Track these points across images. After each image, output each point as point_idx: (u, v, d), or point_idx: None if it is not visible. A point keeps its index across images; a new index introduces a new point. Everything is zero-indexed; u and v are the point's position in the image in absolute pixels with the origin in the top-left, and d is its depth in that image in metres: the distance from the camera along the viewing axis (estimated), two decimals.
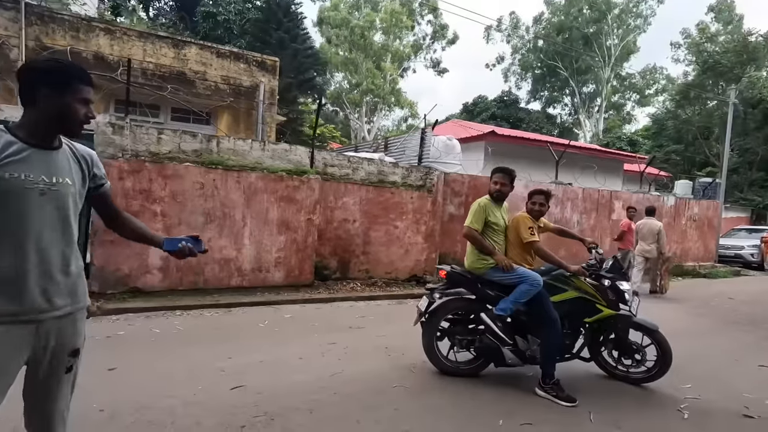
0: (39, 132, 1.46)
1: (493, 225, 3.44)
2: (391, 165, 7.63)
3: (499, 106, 32.36)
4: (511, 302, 3.28)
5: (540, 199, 3.53)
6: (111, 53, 7.62)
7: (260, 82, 8.92)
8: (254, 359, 3.40)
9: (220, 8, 13.80)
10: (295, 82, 14.18)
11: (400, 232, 7.62)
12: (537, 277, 3.27)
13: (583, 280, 3.37)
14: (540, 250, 3.38)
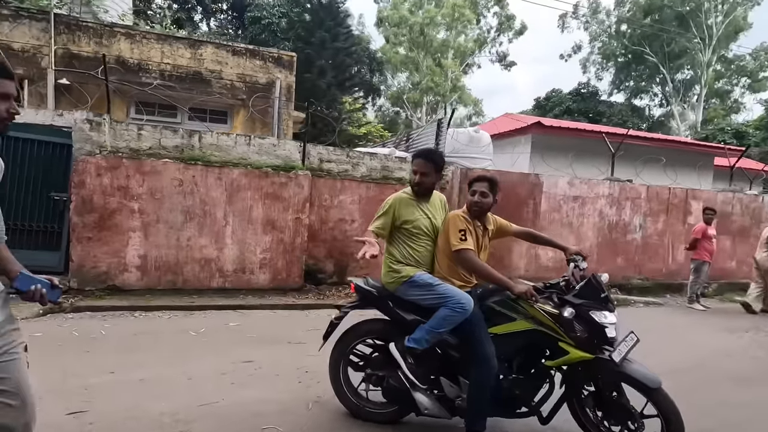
0: None
1: (409, 227, 2.62)
2: (397, 160, 6.91)
3: (574, 99, 29.52)
4: (427, 332, 2.44)
5: (480, 188, 2.58)
6: (131, 57, 7.89)
7: (276, 79, 8.72)
8: (136, 376, 2.96)
9: (264, 12, 14.10)
10: (335, 81, 13.97)
11: None
12: (462, 298, 2.40)
13: (536, 307, 2.40)
14: (468, 261, 2.47)
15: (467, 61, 29.19)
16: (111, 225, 5.36)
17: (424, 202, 2.72)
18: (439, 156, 2.76)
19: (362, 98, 25.61)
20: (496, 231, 2.80)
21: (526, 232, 2.95)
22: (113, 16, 8.68)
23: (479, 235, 2.61)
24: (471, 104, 30.07)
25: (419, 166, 2.65)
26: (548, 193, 8.06)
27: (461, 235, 2.48)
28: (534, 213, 7.97)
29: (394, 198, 2.68)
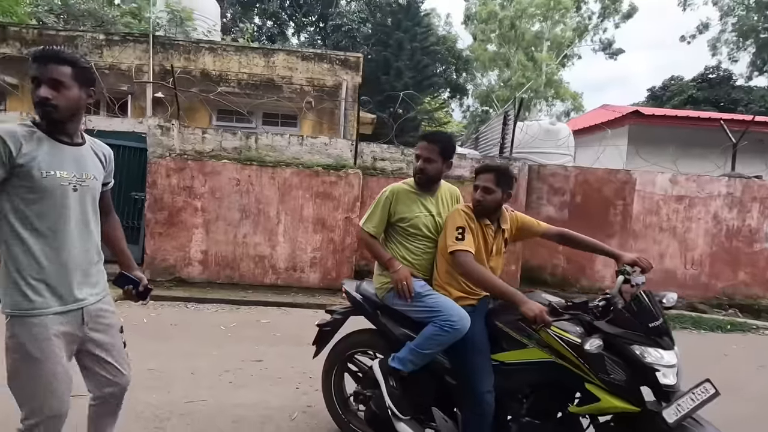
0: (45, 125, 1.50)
1: (406, 225, 2.23)
2: (456, 157, 6.42)
3: (699, 86, 25.28)
4: (411, 351, 2.06)
5: (484, 182, 2.09)
6: (213, 69, 8.60)
7: (343, 81, 8.80)
8: (147, 366, 3.04)
9: (345, 19, 14.51)
10: (413, 81, 13.78)
11: None
12: (453, 315, 1.98)
13: (551, 333, 1.85)
14: (463, 265, 2.00)
15: (565, 52, 26.85)
16: (178, 222, 5.81)
17: (428, 195, 2.29)
18: (447, 138, 2.33)
19: (448, 98, 25.12)
20: (518, 231, 2.29)
21: (559, 233, 2.33)
22: (199, 33, 9.57)
23: (488, 235, 2.14)
24: (569, 99, 27.58)
25: (422, 149, 2.23)
26: (643, 192, 6.87)
27: (458, 233, 2.04)
28: (623, 216, 6.85)
29: (391, 189, 2.29)
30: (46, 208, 1.47)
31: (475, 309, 2.08)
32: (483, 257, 2.12)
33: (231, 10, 18.66)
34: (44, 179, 1.44)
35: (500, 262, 2.22)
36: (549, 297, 2.02)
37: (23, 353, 1.45)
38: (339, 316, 2.43)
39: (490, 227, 2.14)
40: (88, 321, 1.59)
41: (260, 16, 18.38)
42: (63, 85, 1.45)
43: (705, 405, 1.68)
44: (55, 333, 1.48)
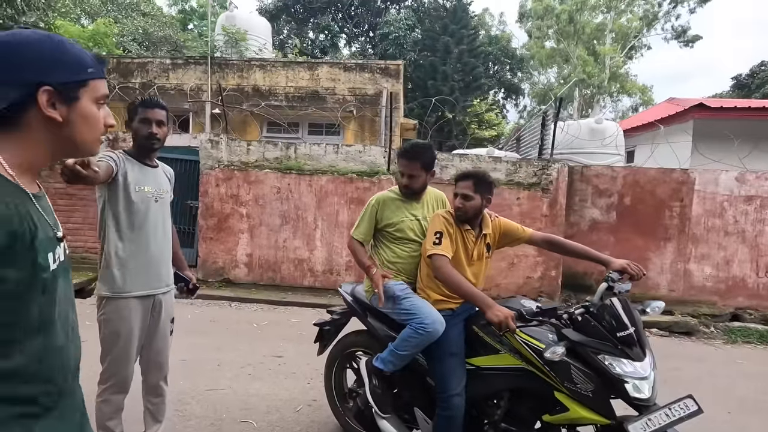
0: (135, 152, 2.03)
1: (392, 230, 2.34)
2: (491, 160, 6.35)
3: None
4: (391, 353, 2.15)
5: (463, 189, 2.12)
6: (263, 84, 9.20)
7: (383, 88, 9.00)
8: (181, 357, 3.36)
9: (392, 28, 14.77)
10: (460, 84, 13.68)
11: None
12: (426, 318, 2.05)
13: (518, 339, 1.86)
14: (438, 269, 2.04)
15: (632, 43, 25.06)
16: (226, 227, 6.32)
17: (413, 201, 2.39)
18: (426, 152, 2.34)
19: (502, 99, 24.49)
20: (501, 237, 2.30)
21: (545, 238, 2.34)
22: (251, 52, 10.28)
23: (468, 240, 2.18)
24: (637, 93, 25.67)
25: (404, 167, 2.31)
26: (703, 192, 6.31)
27: (436, 238, 2.10)
28: (681, 219, 6.34)
29: (377, 198, 2.41)
30: (137, 214, 1.94)
31: (454, 313, 2.13)
32: (463, 262, 2.15)
33: (287, 27, 19.73)
34: (136, 192, 1.94)
35: (483, 267, 2.24)
36: (527, 303, 2.01)
37: (111, 328, 1.91)
38: (337, 316, 2.59)
39: (470, 232, 2.17)
40: (157, 305, 2.03)
41: (314, 30, 19.24)
42: (163, 123, 2.00)
43: (683, 422, 1.60)
44: (135, 312, 1.94)
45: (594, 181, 6.50)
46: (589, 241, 6.53)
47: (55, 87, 0.79)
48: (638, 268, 1.96)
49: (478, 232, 2.20)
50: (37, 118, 0.79)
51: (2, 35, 0.79)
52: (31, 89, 0.77)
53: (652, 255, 6.40)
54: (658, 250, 6.40)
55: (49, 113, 0.79)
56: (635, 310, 1.79)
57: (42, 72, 0.78)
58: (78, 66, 0.82)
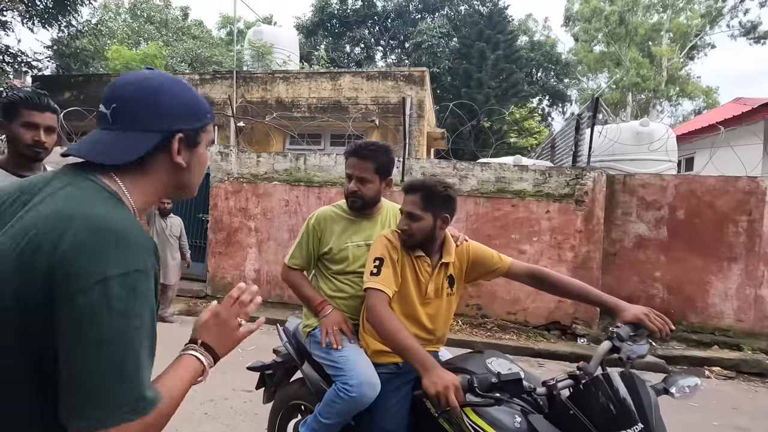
0: (13, 161, 1.65)
1: (332, 257, 1.84)
2: (516, 169, 5.71)
3: None
4: (314, 419, 1.67)
5: (408, 205, 1.60)
6: (286, 96, 9.11)
7: (407, 96, 8.59)
8: None
9: (424, 36, 14.42)
10: (496, 91, 13.02)
11: (529, 258, 5.53)
12: (352, 378, 1.56)
13: (465, 422, 1.29)
14: (371, 309, 1.52)
15: (693, 42, 23.04)
16: (234, 241, 6.12)
17: (363, 219, 1.88)
18: (382, 150, 1.84)
19: (548, 106, 23.32)
20: (471, 267, 1.73)
21: (532, 272, 1.71)
22: (275, 65, 10.27)
23: (421, 271, 1.64)
24: (700, 95, 23.49)
25: (352, 167, 1.81)
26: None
27: (374, 266, 1.59)
28: (749, 236, 5.37)
29: (317, 216, 1.92)
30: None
31: (399, 371, 1.62)
32: (413, 299, 1.63)
33: (324, 42, 19.98)
34: None
35: (443, 307, 1.68)
36: (499, 364, 1.43)
37: None
38: (281, 359, 2.13)
39: (424, 260, 1.64)
40: None
41: (349, 43, 19.33)
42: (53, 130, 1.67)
43: None
44: None
45: (639, 191, 5.66)
46: (634, 261, 5.68)
47: (186, 134, 0.81)
48: (662, 322, 1.35)
49: (435, 261, 1.66)
50: (163, 163, 0.80)
51: (142, 80, 0.79)
52: (167, 136, 0.79)
53: (714, 278, 5.44)
54: (720, 273, 5.43)
55: (177, 160, 0.80)
56: (651, 392, 1.19)
57: (179, 120, 0.80)
58: (203, 112, 0.84)
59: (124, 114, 0.76)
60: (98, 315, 0.62)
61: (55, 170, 0.79)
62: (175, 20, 22.32)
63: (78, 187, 0.72)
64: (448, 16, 16.22)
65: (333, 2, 18.58)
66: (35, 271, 0.63)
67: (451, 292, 1.70)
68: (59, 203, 0.68)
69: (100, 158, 0.74)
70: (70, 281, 0.62)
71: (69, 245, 0.64)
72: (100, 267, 0.63)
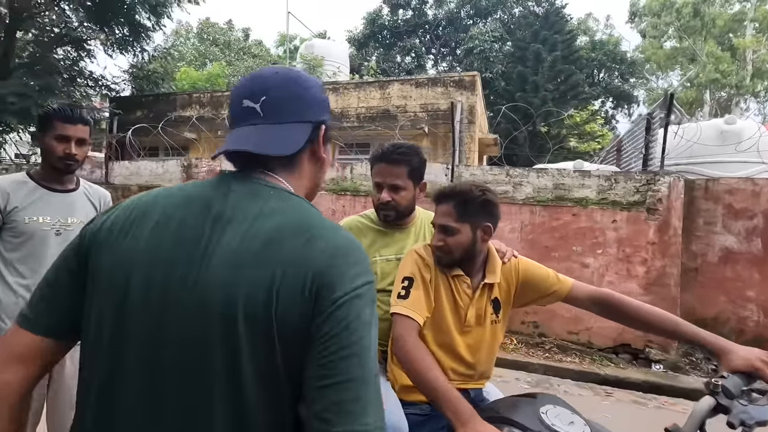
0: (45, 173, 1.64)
1: None
2: (577, 175, 5.23)
3: None
4: None
5: (441, 217, 1.35)
6: (336, 107, 9.18)
7: (458, 102, 8.32)
8: None
9: (476, 41, 14.05)
10: (554, 94, 12.35)
11: (593, 272, 5.03)
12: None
13: None
14: (398, 340, 1.23)
15: None
16: None
17: (395, 231, 1.65)
18: (413, 152, 1.60)
19: (610, 108, 21.88)
20: (522, 288, 1.44)
21: (600, 297, 1.37)
22: (329, 76, 10.42)
23: (459, 293, 1.36)
24: None
25: (382, 174, 1.56)
26: None
27: (402, 287, 1.33)
28: None
29: (343, 226, 1.62)
30: (23, 251, 1.56)
31: (432, 412, 1.33)
32: (450, 327, 1.36)
33: (376, 53, 20.22)
34: (26, 224, 1.55)
35: (487, 336, 1.39)
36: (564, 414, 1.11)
37: None
38: None
39: (463, 281, 1.37)
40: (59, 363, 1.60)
41: (400, 53, 19.39)
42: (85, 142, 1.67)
43: None
44: None
45: (726, 198, 4.97)
46: (720, 278, 4.98)
47: (328, 126, 0.78)
48: None
49: (477, 281, 1.39)
50: (308, 159, 0.77)
51: (286, 72, 0.77)
52: (316, 128, 0.76)
53: None
54: None
55: (322, 154, 0.77)
56: None
57: (324, 110, 0.78)
58: (328, 105, 0.81)
59: (277, 105, 0.72)
60: (357, 327, 0.63)
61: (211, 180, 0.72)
62: (237, 41, 23.74)
63: (279, 197, 0.69)
64: (501, 19, 15.74)
65: (384, 14, 18.77)
66: (294, 293, 0.62)
67: (497, 319, 1.41)
68: (280, 218, 0.66)
69: (272, 150, 0.69)
70: (327, 296, 0.62)
71: (320, 262, 0.63)
72: (352, 281, 0.64)
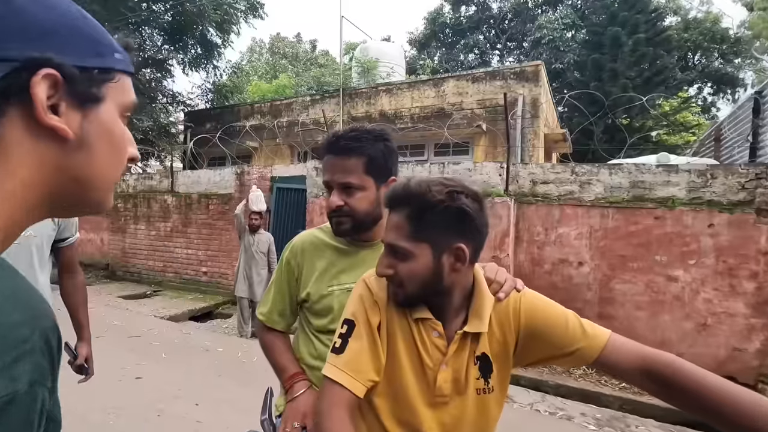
0: None
1: (312, 306, 1.22)
2: (660, 171, 4.38)
3: None
4: None
5: (389, 234, 0.89)
6: (390, 108, 8.91)
7: (519, 95, 7.61)
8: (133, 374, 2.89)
9: (544, 30, 12.96)
10: (637, 81, 10.99)
11: (684, 287, 4.16)
12: None
13: None
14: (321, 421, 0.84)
15: None
16: None
17: (360, 248, 1.23)
18: (371, 138, 1.16)
19: (709, 95, 19.19)
20: (527, 341, 0.92)
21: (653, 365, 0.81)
22: (383, 78, 10.18)
23: (428, 346, 0.91)
24: None
25: (330, 170, 1.18)
26: None
27: (340, 333, 0.94)
28: None
29: (293, 245, 1.30)
30: None
31: None
32: (412, 397, 0.91)
33: (438, 53, 19.74)
34: None
35: (472, 411, 0.93)
36: None
37: None
38: None
39: (431, 327, 0.92)
40: None
41: (463, 51, 18.70)
42: None
43: None
44: None
45: None
46: None
47: (65, 73, 0.40)
48: None
49: (454, 328, 0.92)
50: (22, 132, 0.40)
51: None
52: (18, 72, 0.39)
53: None
54: None
55: (50, 121, 0.40)
56: None
57: (52, 40, 0.41)
58: (107, 46, 0.45)
59: None
60: None
61: None
62: (305, 53, 24.68)
63: None
64: (573, 5, 14.45)
65: (445, 12, 18.23)
66: None
67: (486, 387, 0.93)
68: None
69: None
70: None
71: None
72: None
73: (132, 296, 7.10)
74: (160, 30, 12.11)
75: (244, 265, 5.01)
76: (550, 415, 3.45)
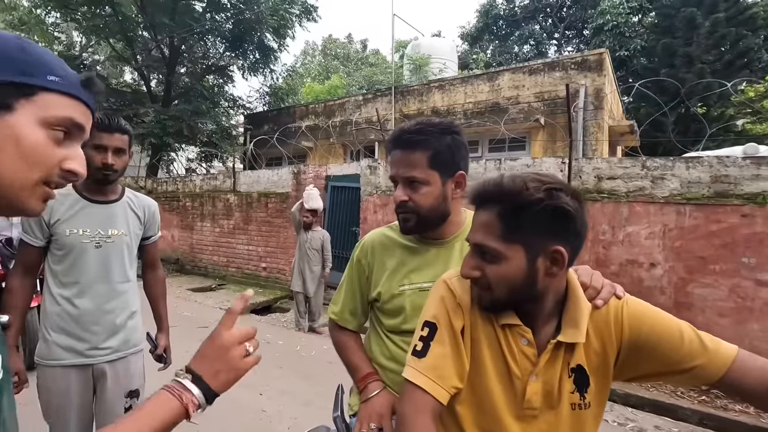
0: (87, 184, 1.58)
1: (381, 306, 1.21)
2: (748, 163, 3.96)
3: None
4: None
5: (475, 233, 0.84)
6: (442, 105, 8.79)
7: (580, 86, 7.21)
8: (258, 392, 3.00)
9: (607, 16, 12.14)
10: (715, 65, 10.03)
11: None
12: None
13: None
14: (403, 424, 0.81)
15: None
16: None
17: (431, 246, 1.19)
18: (437, 131, 1.12)
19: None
20: (630, 354, 0.83)
21: None
22: (434, 74, 10.05)
23: (516, 355, 0.86)
24: None
25: (396, 164, 1.14)
26: None
27: (421, 336, 0.89)
28: None
29: (363, 243, 1.31)
30: (65, 264, 1.54)
31: None
32: (499, 407, 0.86)
33: (491, 46, 19.21)
34: (67, 237, 1.52)
35: (565, 428, 0.86)
36: None
37: (43, 398, 1.56)
38: None
39: (519, 334, 0.86)
40: (99, 377, 1.59)
41: (517, 43, 18.05)
42: (123, 151, 1.56)
43: None
44: (69, 383, 1.54)
45: None
46: None
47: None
48: None
49: (546, 337, 0.86)
50: None
51: None
52: None
53: None
54: None
55: None
56: None
57: None
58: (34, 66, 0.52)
59: None
60: None
61: None
62: (356, 53, 25.03)
63: None
64: None
65: (498, 3, 17.68)
66: None
67: (582, 402, 0.86)
68: None
69: None
70: None
71: None
72: None
73: (199, 289, 7.58)
74: (222, 38, 12.80)
75: (299, 261, 5.17)
76: (619, 425, 3.24)
